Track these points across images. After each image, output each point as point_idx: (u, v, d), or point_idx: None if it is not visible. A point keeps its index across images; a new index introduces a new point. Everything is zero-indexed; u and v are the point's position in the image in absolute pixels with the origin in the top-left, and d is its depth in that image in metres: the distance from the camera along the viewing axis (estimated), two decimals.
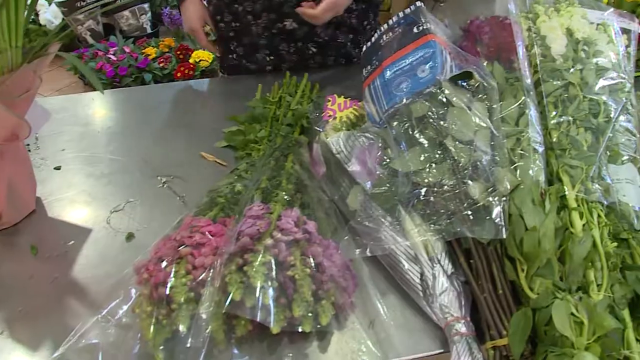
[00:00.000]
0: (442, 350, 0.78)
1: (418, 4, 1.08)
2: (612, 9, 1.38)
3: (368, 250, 0.80)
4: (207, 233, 0.85)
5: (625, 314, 0.77)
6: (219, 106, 1.40)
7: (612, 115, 0.99)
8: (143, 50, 3.45)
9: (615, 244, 0.84)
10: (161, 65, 3.31)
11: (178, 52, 3.35)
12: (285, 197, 0.87)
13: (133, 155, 1.23)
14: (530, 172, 0.83)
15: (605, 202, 0.89)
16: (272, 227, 0.80)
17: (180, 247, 0.83)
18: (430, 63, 0.93)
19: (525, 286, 0.76)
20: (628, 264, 0.84)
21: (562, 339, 0.71)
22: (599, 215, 0.85)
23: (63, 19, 3.84)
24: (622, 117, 1.06)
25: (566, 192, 0.85)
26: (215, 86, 1.57)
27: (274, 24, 1.42)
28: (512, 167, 0.84)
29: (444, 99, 0.86)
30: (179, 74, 3.22)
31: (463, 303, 0.77)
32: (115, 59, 3.39)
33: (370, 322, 0.82)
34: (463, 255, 0.80)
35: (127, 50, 3.47)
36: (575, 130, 0.94)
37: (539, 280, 0.76)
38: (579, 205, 0.84)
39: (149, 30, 3.88)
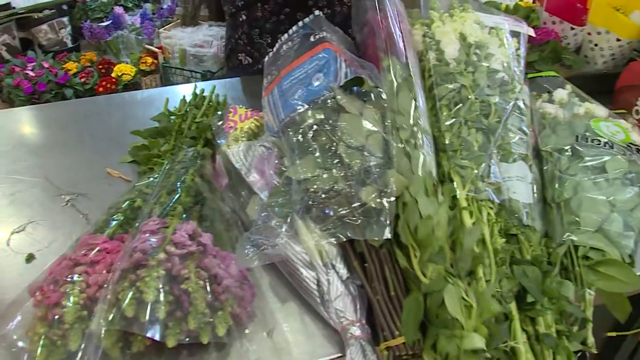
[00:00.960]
0: (339, 355, 0.79)
1: (316, 13, 1.10)
2: (504, 14, 1.45)
3: (264, 258, 0.81)
4: (102, 250, 0.83)
5: (512, 306, 0.80)
6: (133, 120, 1.38)
7: (502, 116, 1.04)
8: (63, 65, 3.35)
9: (505, 239, 0.88)
10: (82, 80, 3.22)
11: (100, 67, 3.27)
12: (183, 210, 0.87)
13: (37, 174, 1.19)
14: (420, 163, 0.85)
15: (497, 200, 0.93)
16: (166, 241, 0.79)
17: (75, 266, 0.81)
18: (324, 71, 0.94)
19: (419, 271, 0.77)
20: (517, 258, 0.87)
21: (453, 321, 0.73)
22: (488, 214, 0.88)
23: None
24: (514, 117, 1.11)
25: (457, 193, 0.88)
26: (130, 99, 1.54)
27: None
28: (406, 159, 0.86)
29: (336, 106, 0.87)
30: (101, 89, 3.15)
31: (358, 307, 0.79)
32: (33, 74, 3.28)
33: (269, 330, 0.82)
34: (357, 259, 0.81)
35: (46, 65, 3.36)
36: (466, 132, 0.97)
37: (431, 267, 0.77)
38: (469, 205, 0.87)
39: (69, 45, 3.77)
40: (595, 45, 1.51)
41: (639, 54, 1.54)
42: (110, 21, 3.55)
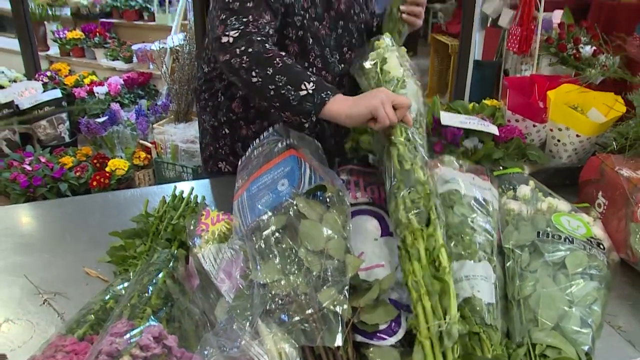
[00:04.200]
0: None
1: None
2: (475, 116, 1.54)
3: None
4: (71, 352, 0.86)
5: None
6: (115, 219, 1.43)
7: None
8: (60, 160, 3.45)
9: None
10: (77, 174, 3.31)
11: (95, 161, 3.37)
12: (152, 312, 0.90)
13: (17, 272, 1.23)
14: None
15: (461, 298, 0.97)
16: (131, 344, 0.82)
17: None
18: (289, 177, 1.00)
19: None
20: (476, 356, 0.90)
21: None
22: None
23: None
24: (480, 218, 1.16)
25: None
26: (114, 199, 1.60)
27: None
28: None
29: (298, 212, 0.93)
30: (94, 183, 3.23)
31: None
32: (30, 169, 3.37)
33: None
34: None
35: (42, 160, 3.47)
36: None
37: None
38: None
39: (67, 140, 3.91)
40: (558, 140, 1.59)
41: (601, 147, 1.61)
42: (107, 117, 3.69)
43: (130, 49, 4.37)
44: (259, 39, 1.28)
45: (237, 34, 1.29)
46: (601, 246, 1.20)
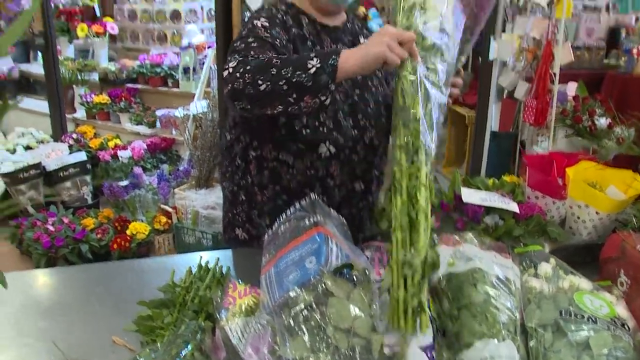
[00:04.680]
0: None
1: (312, 196, 1.22)
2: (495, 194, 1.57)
3: None
4: None
5: None
6: (141, 288, 1.45)
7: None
8: (82, 221, 3.52)
9: None
10: (98, 236, 3.37)
11: (116, 224, 3.43)
12: None
13: (45, 339, 1.24)
14: None
15: None
16: None
17: None
18: (316, 254, 1.03)
19: None
20: None
21: None
22: None
23: (6, 189, 3.94)
24: (503, 297, 1.17)
25: None
26: (139, 266, 1.63)
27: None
28: None
29: (326, 290, 0.95)
30: (115, 246, 3.28)
31: None
32: (53, 229, 3.44)
33: None
34: None
35: (65, 221, 3.54)
36: None
37: None
38: None
39: (89, 201, 3.99)
40: (578, 217, 1.61)
41: (622, 224, 1.62)
42: (130, 181, 3.78)
43: (154, 115, 4.50)
44: (253, 57, 1.35)
45: (234, 64, 1.35)
46: (626, 326, 1.19)
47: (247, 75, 1.31)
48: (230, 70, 1.35)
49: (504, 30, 3.93)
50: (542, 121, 3.78)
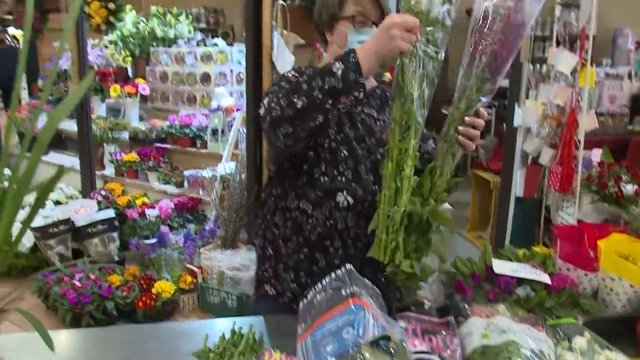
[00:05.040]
0: None
1: (348, 266, 1.24)
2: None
3: None
4: None
5: None
6: (170, 353, 1.47)
7: None
8: (108, 278, 3.55)
9: None
10: (124, 294, 3.39)
11: (142, 281, 3.46)
12: None
13: None
14: None
15: None
16: None
17: None
18: (353, 325, 1.05)
19: None
20: None
21: None
22: None
23: (35, 242, 4.01)
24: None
25: None
26: (168, 331, 1.64)
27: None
28: None
29: None
30: (140, 304, 3.29)
31: None
32: (79, 285, 3.47)
33: None
34: None
35: (92, 277, 3.57)
36: None
37: None
38: None
39: (115, 258, 4.04)
40: (611, 290, 1.60)
41: None
42: (156, 239, 3.83)
43: (182, 175, 4.59)
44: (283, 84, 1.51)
45: (267, 99, 1.47)
46: None
47: (282, 100, 1.41)
48: (265, 104, 1.46)
49: (527, 97, 3.98)
50: (567, 187, 3.78)
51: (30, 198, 0.99)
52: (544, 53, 7.01)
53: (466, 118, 1.48)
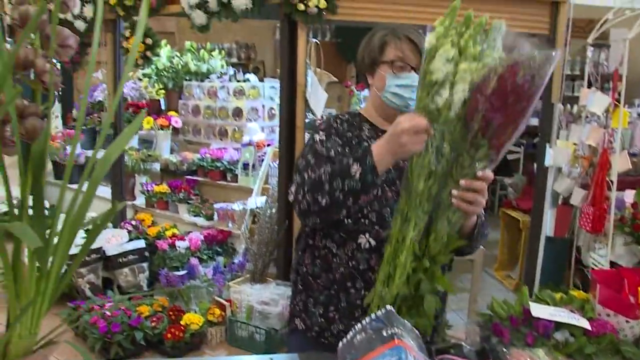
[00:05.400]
0: None
1: (388, 307, 1.24)
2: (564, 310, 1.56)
3: None
4: None
5: None
6: None
7: None
8: (137, 308, 3.58)
9: None
10: (153, 324, 3.41)
11: (170, 313, 3.48)
12: None
13: None
14: None
15: None
16: None
17: None
18: None
19: None
20: None
21: None
22: None
23: (65, 270, 4.07)
24: None
25: None
26: None
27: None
28: None
29: None
30: (169, 335, 3.30)
31: None
32: (109, 314, 3.50)
33: None
34: None
35: (122, 307, 3.60)
36: None
37: None
38: None
39: (145, 288, 4.07)
40: None
41: None
42: (186, 271, 3.86)
43: (212, 207, 4.63)
44: (309, 176, 1.55)
45: (295, 188, 1.58)
46: None
47: (307, 195, 1.53)
48: (293, 194, 1.58)
49: (557, 137, 3.97)
50: (599, 228, 3.73)
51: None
52: (572, 92, 7.00)
53: (462, 181, 1.34)
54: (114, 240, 4.26)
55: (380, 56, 1.66)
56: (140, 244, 4.25)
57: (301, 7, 3.18)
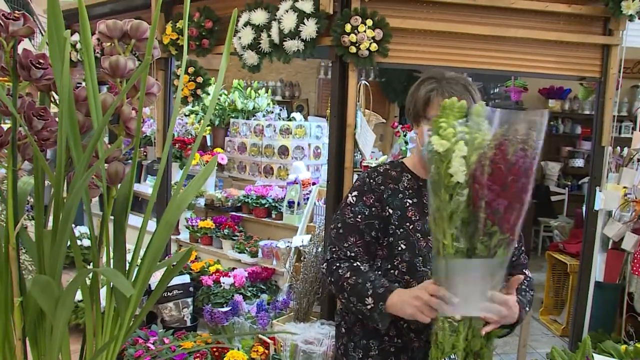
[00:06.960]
0: None
1: (452, 356, 1.24)
2: None
3: None
4: None
5: None
6: None
7: None
8: (181, 343, 3.60)
9: None
10: None
11: (214, 349, 3.49)
12: None
13: None
14: None
15: None
16: None
17: None
18: None
19: None
20: None
21: None
22: None
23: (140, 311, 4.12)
24: None
25: None
26: None
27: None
28: None
29: None
30: None
31: None
32: (153, 348, 3.53)
33: None
34: None
35: (166, 341, 3.63)
36: None
37: None
38: None
39: (188, 323, 4.10)
40: None
41: None
42: (230, 308, 3.87)
43: (257, 245, 4.66)
44: (337, 265, 1.66)
45: (326, 265, 1.71)
46: None
47: (332, 287, 1.68)
48: (324, 270, 1.72)
49: (606, 180, 3.91)
50: None
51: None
52: (619, 133, 6.89)
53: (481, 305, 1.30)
54: (158, 274, 4.30)
55: (423, 112, 1.67)
56: (185, 279, 4.29)
57: (353, 49, 3.24)
